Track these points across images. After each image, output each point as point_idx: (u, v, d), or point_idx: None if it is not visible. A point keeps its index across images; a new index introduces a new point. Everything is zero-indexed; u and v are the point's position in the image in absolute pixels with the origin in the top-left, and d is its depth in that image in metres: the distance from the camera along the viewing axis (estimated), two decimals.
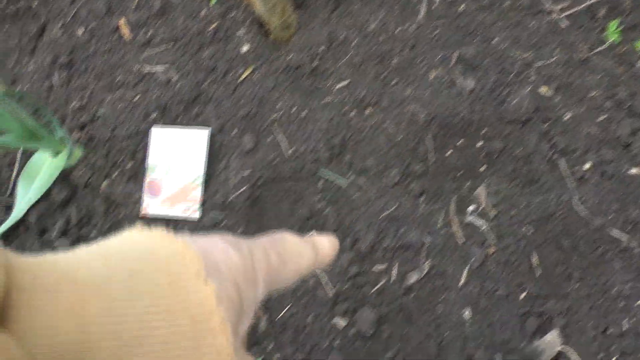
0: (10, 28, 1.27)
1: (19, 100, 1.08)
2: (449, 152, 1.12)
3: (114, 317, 0.21)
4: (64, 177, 1.08)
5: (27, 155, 1.14)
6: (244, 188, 1.06)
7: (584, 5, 1.20)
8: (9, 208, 1.12)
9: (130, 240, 0.25)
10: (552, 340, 1.10)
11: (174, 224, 1.06)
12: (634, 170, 1.10)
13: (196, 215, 1.05)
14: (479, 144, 1.13)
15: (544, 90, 1.19)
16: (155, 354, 0.21)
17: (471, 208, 1.11)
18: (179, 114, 1.12)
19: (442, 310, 1.05)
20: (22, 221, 1.09)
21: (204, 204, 1.06)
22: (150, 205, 1.07)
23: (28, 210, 1.06)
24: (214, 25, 1.18)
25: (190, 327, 0.22)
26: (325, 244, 0.33)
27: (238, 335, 0.26)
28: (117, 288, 0.21)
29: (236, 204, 1.06)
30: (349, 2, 1.21)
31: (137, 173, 1.10)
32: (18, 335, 0.19)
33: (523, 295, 1.07)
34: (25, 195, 1.09)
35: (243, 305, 0.26)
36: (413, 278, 1.06)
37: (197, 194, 1.07)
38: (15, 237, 1.09)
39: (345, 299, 1.04)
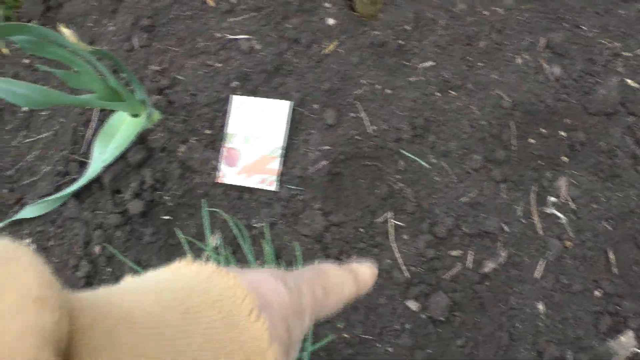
0: None
1: (100, 59, 1.08)
2: (531, 140, 1.11)
3: (171, 357, 0.21)
4: (141, 139, 1.09)
5: (103, 114, 1.15)
6: (323, 163, 1.06)
7: None
8: (82, 165, 1.13)
9: (181, 276, 0.25)
10: (626, 341, 1.09)
11: (250, 194, 1.06)
12: None
13: (273, 187, 1.05)
14: (562, 134, 1.11)
15: (631, 82, 1.16)
16: None
17: (551, 199, 1.09)
18: (259, 84, 1.12)
19: (516, 302, 1.04)
20: (96, 180, 1.09)
21: (281, 176, 1.06)
22: (227, 174, 1.07)
23: (103, 170, 1.07)
24: None
25: None
26: (365, 273, 0.34)
27: None
28: (171, 328, 0.22)
29: (314, 179, 1.05)
30: None
31: (215, 140, 1.10)
32: None
33: (598, 292, 1.05)
34: (102, 155, 1.10)
35: (291, 339, 0.26)
36: (488, 266, 1.05)
37: (275, 165, 1.07)
38: (89, 196, 1.10)
39: (419, 282, 1.03)
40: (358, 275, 0.34)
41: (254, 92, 1.12)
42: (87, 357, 0.19)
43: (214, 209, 1.05)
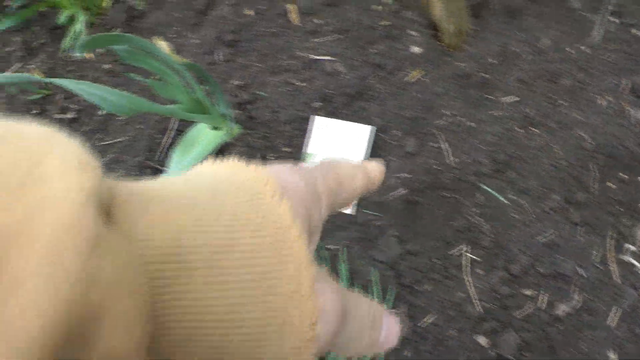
0: (176, 1, 1.30)
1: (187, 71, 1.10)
2: (611, 185, 1.10)
3: (203, 228, 0.23)
4: (220, 152, 1.10)
5: (181, 124, 1.17)
6: (401, 191, 1.06)
7: None
8: (156, 172, 1.15)
9: (208, 168, 0.28)
10: None
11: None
12: None
13: (349, 210, 1.06)
14: None
15: None
16: (241, 261, 0.24)
17: (629, 247, 1.08)
18: (341, 106, 1.13)
19: (587, 348, 1.03)
20: None
21: (359, 200, 1.07)
22: None
23: None
24: (386, 22, 1.19)
25: (271, 238, 0.24)
26: (375, 169, 0.36)
27: (311, 249, 0.28)
28: (202, 204, 0.24)
29: (392, 206, 1.06)
30: (524, 15, 1.20)
31: (293, 159, 1.11)
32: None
33: None
34: (180, 165, 1.11)
35: (311, 222, 0.28)
36: (561, 309, 1.04)
37: None
38: None
39: (491, 318, 1.03)
40: (367, 170, 0.35)
41: (334, 114, 1.13)
42: (123, 225, 0.21)
43: None
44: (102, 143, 1.24)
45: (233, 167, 0.27)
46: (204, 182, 0.26)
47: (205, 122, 1.09)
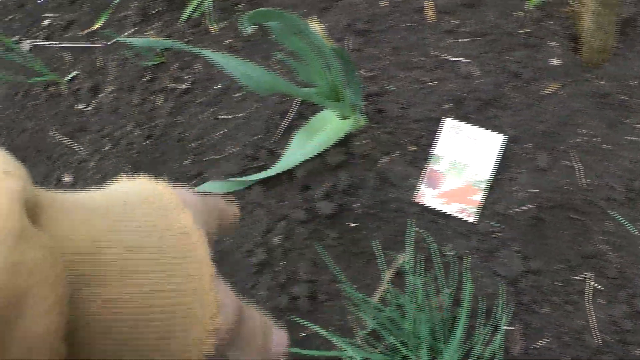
0: None
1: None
2: None
3: (117, 231, 0.27)
4: (343, 141, 1.08)
5: (302, 108, 1.15)
6: (528, 206, 1.03)
7: None
8: (271, 153, 1.13)
9: (121, 183, 0.32)
10: None
11: (445, 220, 1.04)
12: None
13: (471, 219, 1.03)
14: None
15: None
16: (149, 261, 0.27)
17: None
18: (472, 111, 1.10)
19: None
20: (287, 172, 1.09)
21: (482, 209, 1.04)
22: (426, 195, 1.06)
23: (298, 164, 1.07)
24: (526, 30, 1.16)
25: (175, 242, 0.28)
26: (236, 210, 0.41)
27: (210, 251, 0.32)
28: (116, 212, 0.28)
29: (516, 220, 1.03)
30: None
31: (418, 158, 1.09)
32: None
33: None
34: (301, 149, 1.10)
35: (208, 233, 0.33)
36: None
37: (477, 197, 1.04)
38: (276, 186, 1.09)
39: (608, 352, 0.99)
40: (235, 209, 0.41)
41: (465, 118, 1.11)
42: (47, 224, 0.24)
43: (416, 229, 1.03)
44: (214, 117, 1.23)
45: (142, 183, 0.32)
46: (118, 195, 0.30)
47: (335, 110, 1.08)
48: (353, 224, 1.09)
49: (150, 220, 0.29)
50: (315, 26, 0.88)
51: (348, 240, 1.08)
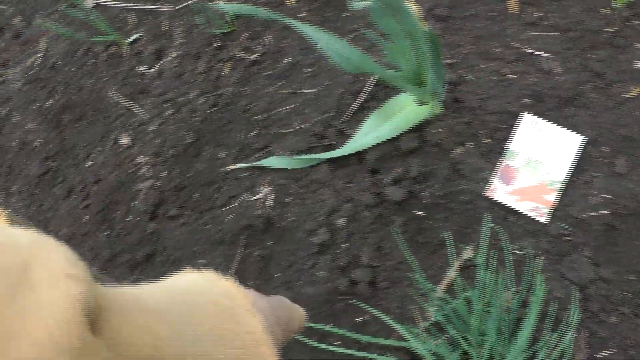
0: None
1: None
2: None
3: (179, 340, 0.25)
4: (418, 128, 1.06)
5: (375, 90, 1.12)
6: (602, 212, 1.01)
7: None
8: (340, 133, 1.11)
9: (186, 278, 0.30)
10: None
11: (515, 217, 1.02)
12: None
13: (543, 219, 1.01)
14: None
15: None
16: None
17: None
18: (551, 108, 1.08)
19: None
20: (356, 154, 1.07)
21: (554, 210, 1.01)
22: (498, 190, 1.03)
23: (369, 147, 1.05)
24: (612, 29, 1.13)
25: (243, 351, 0.27)
26: (303, 316, 0.40)
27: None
28: (177, 315, 0.26)
29: (589, 225, 1.00)
30: None
31: (491, 152, 1.06)
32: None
33: None
34: (374, 131, 1.08)
35: (276, 340, 0.31)
36: None
37: (551, 197, 1.02)
38: (344, 166, 1.08)
39: None
40: (302, 316, 0.39)
41: (543, 115, 1.08)
42: (107, 330, 0.22)
43: (492, 225, 1.01)
44: (282, 91, 1.21)
45: (210, 279, 0.30)
46: (181, 292, 0.28)
47: (414, 95, 1.06)
48: (420, 213, 1.07)
49: (217, 325, 0.27)
50: (413, 7, 0.85)
51: (414, 229, 1.07)
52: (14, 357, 0.17)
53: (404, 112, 1.08)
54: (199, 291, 0.29)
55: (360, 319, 1.05)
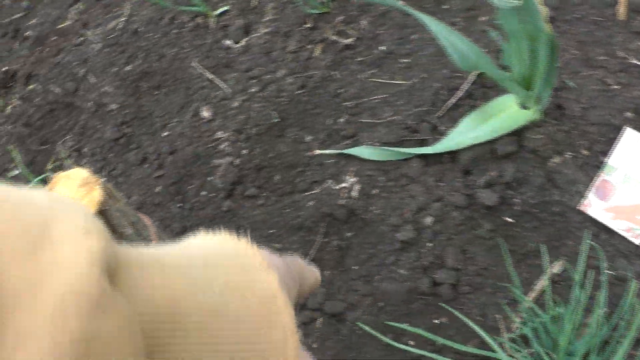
0: None
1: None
2: None
3: (198, 293, 0.25)
4: (516, 132, 1.04)
5: (473, 88, 1.09)
6: None
7: None
8: (434, 129, 1.09)
9: (203, 238, 0.31)
10: None
11: (608, 236, 0.99)
12: None
13: (637, 241, 0.98)
14: None
15: None
16: (232, 324, 0.26)
17: None
18: None
19: None
20: (451, 152, 1.05)
21: None
22: (593, 206, 1.00)
23: (465, 146, 1.03)
24: None
25: (259, 306, 0.27)
26: (317, 275, 0.41)
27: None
28: (196, 272, 0.26)
29: None
30: None
31: (589, 165, 1.03)
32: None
33: None
34: (472, 131, 1.06)
35: (290, 297, 0.31)
36: None
37: None
38: (436, 163, 1.06)
39: None
40: (316, 274, 0.40)
41: None
42: (126, 286, 0.23)
43: (591, 242, 0.98)
44: (374, 79, 1.19)
45: (224, 240, 0.31)
46: (198, 252, 0.29)
47: (520, 98, 1.03)
48: (510, 220, 1.05)
49: (233, 282, 0.27)
50: (542, 8, 0.82)
51: (502, 235, 1.05)
52: (38, 308, 0.18)
53: (506, 114, 1.06)
54: (213, 249, 0.29)
55: (437, 321, 1.04)
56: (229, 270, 0.28)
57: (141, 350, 0.22)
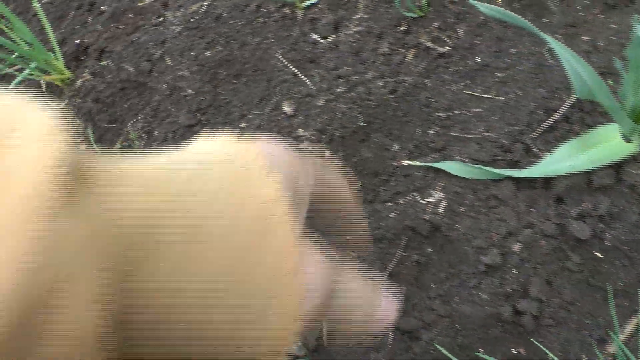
0: None
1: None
2: None
3: (183, 199, 0.23)
4: (614, 164, 1.00)
5: (570, 112, 1.06)
6: None
7: None
8: (528, 150, 1.06)
9: (198, 142, 0.28)
10: None
11: None
12: None
13: None
14: None
15: None
16: (222, 235, 0.23)
17: None
18: None
19: None
20: (545, 178, 1.02)
21: None
22: None
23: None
24: None
25: (256, 212, 0.24)
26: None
27: (298, 223, 0.28)
28: (184, 177, 0.24)
29: None
30: None
31: None
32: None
33: None
34: (569, 159, 1.03)
35: (297, 195, 0.28)
36: None
37: None
38: (528, 187, 1.04)
39: None
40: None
41: None
42: (98, 192, 0.21)
43: None
44: (467, 92, 1.16)
45: (222, 142, 0.28)
46: (188, 157, 0.26)
47: (625, 130, 0.99)
48: (599, 255, 1.02)
49: (226, 185, 0.25)
50: None
51: (589, 270, 1.02)
52: (1, 212, 0.17)
53: (607, 145, 1.03)
54: (206, 152, 0.27)
55: (515, 351, 1.02)
56: (224, 172, 0.25)
57: (112, 265, 0.20)
